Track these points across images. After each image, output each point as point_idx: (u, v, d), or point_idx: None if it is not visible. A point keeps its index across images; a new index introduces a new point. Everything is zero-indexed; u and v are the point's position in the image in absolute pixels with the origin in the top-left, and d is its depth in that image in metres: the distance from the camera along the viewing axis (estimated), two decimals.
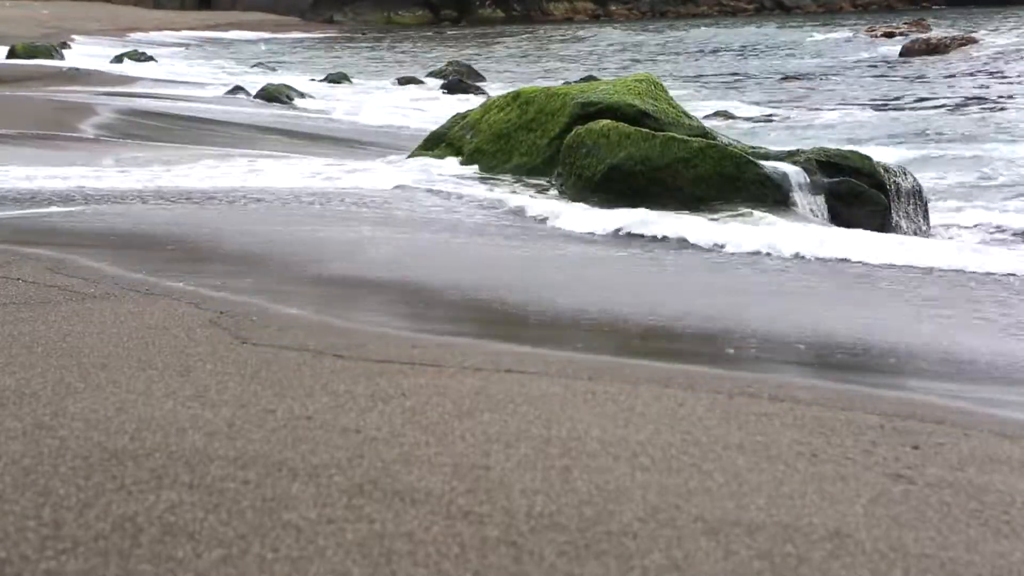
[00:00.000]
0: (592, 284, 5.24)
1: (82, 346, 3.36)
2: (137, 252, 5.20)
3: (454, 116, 10.88)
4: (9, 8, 52.89)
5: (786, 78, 23.79)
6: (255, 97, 18.87)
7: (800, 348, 4.06)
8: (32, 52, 27.31)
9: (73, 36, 39.28)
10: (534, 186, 8.86)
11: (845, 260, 6.40)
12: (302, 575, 1.94)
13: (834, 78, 23.49)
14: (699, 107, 15.70)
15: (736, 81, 23.83)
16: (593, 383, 3.23)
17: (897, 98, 19.23)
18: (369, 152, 11.86)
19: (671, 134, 8.34)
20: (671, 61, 29.98)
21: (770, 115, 16.86)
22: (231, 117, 15.00)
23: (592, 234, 7.00)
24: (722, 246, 6.64)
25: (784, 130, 15.03)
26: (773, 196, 7.91)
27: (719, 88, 22.08)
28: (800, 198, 7.96)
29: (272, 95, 18.82)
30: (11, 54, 27.00)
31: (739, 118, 16.37)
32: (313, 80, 23.76)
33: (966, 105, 17.58)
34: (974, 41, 28.88)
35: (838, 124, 15.65)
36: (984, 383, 3.80)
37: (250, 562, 1.97)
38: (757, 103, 18.56)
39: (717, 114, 16.37)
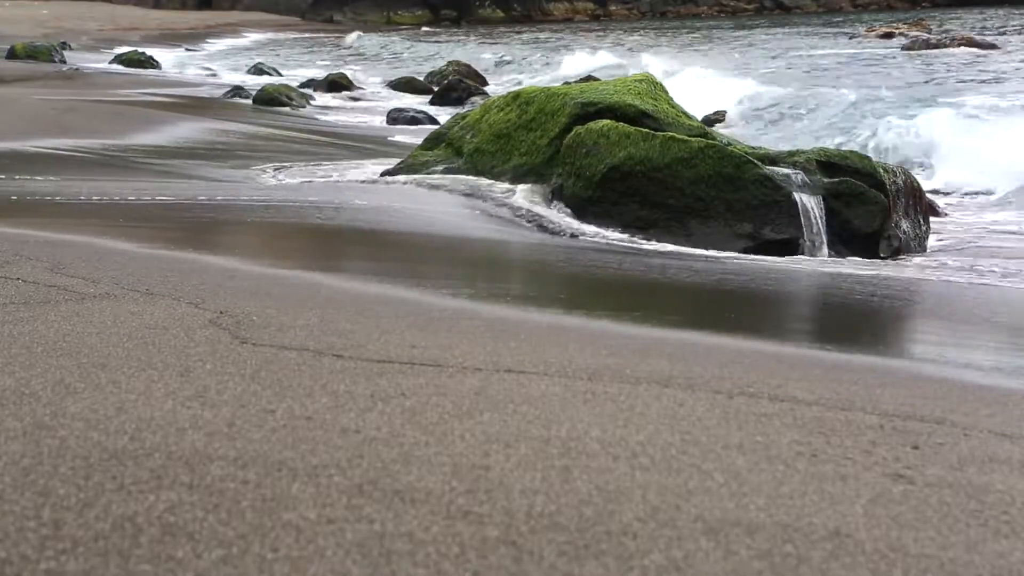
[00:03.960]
0: None
1: (82, 346, 3.35)
2: None
3: (454, 116, 10.89)
4: (9, 8, 52.89)
5: None
6: (253, 99, 18.88)
7: None
8: (33, 52, 27.28)
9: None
10: None
11: None
12: (302, 575, 1.94)
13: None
14: None
15: None
16: (593, 383, 3.23)
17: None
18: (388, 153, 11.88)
19: (671, 134, 8.34)
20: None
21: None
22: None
23: None
24: None
25: None
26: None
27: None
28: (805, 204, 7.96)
29: (272, 97, 18.81)
30: (11, 54, 26.99)
31: None
32: (313, 80, 23.77)
33: None
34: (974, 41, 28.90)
35: None
36: None
37: (250, 562, 1.97)
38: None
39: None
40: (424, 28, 61.11)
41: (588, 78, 19.42)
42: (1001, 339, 5.27)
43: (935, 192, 10.73)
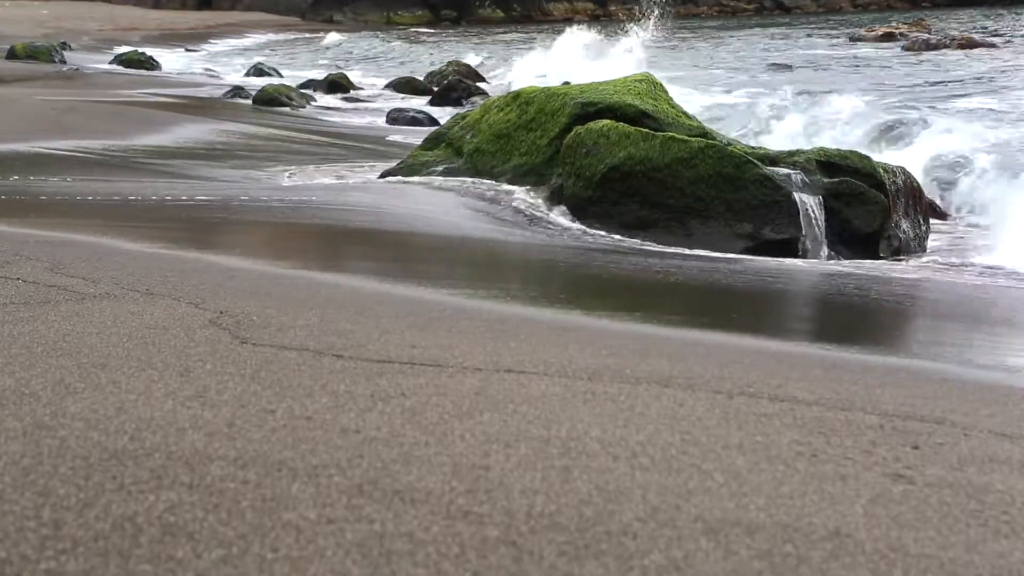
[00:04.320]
0: None
1: (82, 346, 3.35)
2: None
3: (454, 116, 10.90)
4: (9, 8, 52.87)
5: None
6: (253, 100, 18.87)
7: None
8: (33, 52, 27.26)
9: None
10: None
11: None
12: (302, 575, 1.94)
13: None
14: None
15: None
16: (593, 383, 3.23)
17: None
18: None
19: (671, 134, 8.34)
20: None
21: None
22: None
23: None
24: None
25: None
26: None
27: None
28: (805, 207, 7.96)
29: (272, 97, 18.80)
30: (11, 54, 26.98)
31: None
32: (313, 81, 23.77)
33: None
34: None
35: None
36: None
37: (250, 562, 1.97)
38: None
39: None
40: (413, 28, 60.98)
41: None
42: (1001, 339, 5.27)
43: None
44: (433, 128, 12.60)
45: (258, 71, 26.99)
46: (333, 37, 46.81)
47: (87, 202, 7.26)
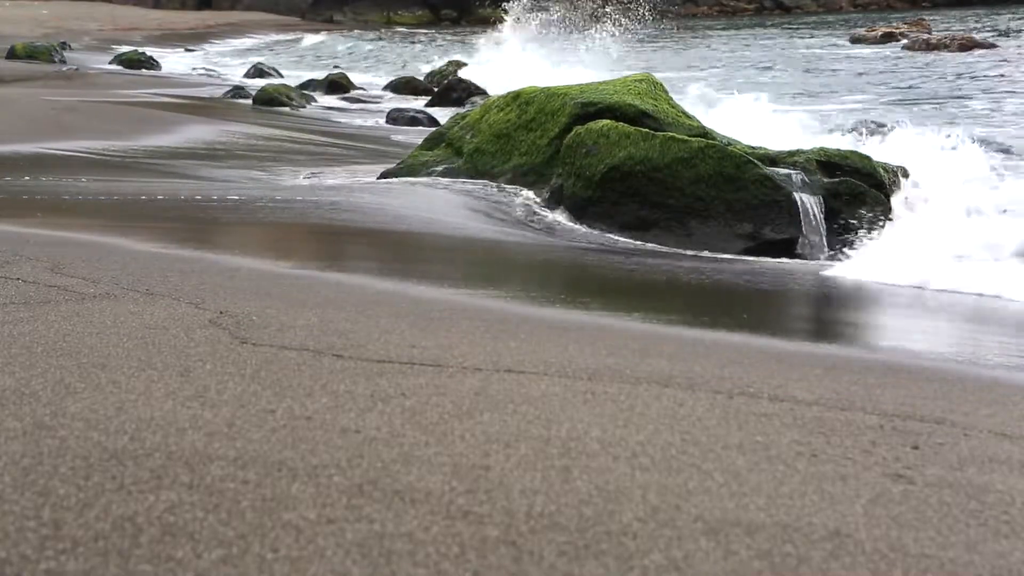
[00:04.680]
0: None
1: (82, 346, 3.35)
2: None
3: (454, 116, 10.90)
4: (9, 8, 52.85)
5: None
6: (253, 100, 18.86)
7: None
8: (33, 52, 27.26)
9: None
10: None
11: None
12: (302, 575, 1.94)
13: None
14: None
15: None
16: (593, 383, 3.23)
17: None
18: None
19: (671, 134, 8.34)
20: None
21: None
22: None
23: None
24: None
25: None
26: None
27: None
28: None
29: (271, 97, 18.79)
30: (11, 54, 26.97)
31: None
32: (313, 81, 23.76)
33: None
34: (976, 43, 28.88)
35: None
36: None
37: (250, 562, 1.97)
38: None
39: None
40: (407, 28, 60.83)
41: None
42: (1002, 338, 5.27)
43: None
44: (433, 128, 12.61)
45: (258, 71, 26.98)
46: (312, 38, 46.51)
47: (88, 202, 7.26)
